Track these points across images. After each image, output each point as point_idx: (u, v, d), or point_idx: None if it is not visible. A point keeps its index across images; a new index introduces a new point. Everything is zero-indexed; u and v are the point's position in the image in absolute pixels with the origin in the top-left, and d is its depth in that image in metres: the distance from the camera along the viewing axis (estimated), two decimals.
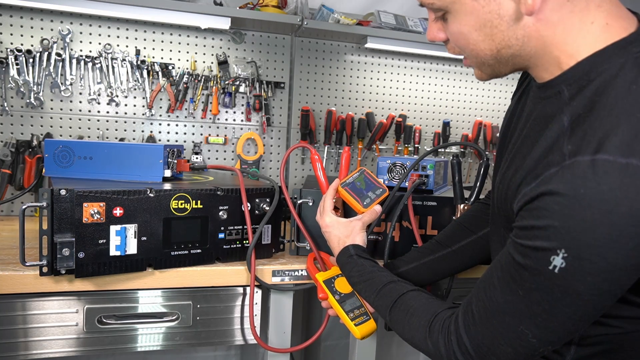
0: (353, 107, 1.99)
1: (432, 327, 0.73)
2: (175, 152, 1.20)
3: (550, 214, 0.56)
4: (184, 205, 1.07)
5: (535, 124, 0.69)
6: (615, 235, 0.53)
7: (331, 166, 1.97)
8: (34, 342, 1.04)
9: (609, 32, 0.61)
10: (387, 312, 0.83)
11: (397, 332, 0.81)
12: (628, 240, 0.53)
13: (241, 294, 1.16)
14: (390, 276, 0.89)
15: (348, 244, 0.99)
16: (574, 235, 0.54)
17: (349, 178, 1.11)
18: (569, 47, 0.62)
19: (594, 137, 0.56)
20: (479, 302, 0.67)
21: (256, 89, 1.84)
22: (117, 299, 1.08)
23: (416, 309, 0.78)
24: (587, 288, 0.56)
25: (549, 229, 0.56)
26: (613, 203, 0.52)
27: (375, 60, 1.99)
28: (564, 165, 0.56)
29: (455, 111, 2.11)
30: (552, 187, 0.56)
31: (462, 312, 0.69)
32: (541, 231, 0.57)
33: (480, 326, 0.66)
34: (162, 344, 1.13)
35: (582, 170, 0.54)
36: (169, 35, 1.75)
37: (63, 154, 1.18)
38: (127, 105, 1.74)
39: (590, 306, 0.58)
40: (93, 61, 1.67)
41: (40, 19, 1.62)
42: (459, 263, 1.06)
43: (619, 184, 0.52)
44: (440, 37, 0.72)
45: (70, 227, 0.96)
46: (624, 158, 0.53)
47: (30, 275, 0.99)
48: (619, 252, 0.53)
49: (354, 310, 1.02)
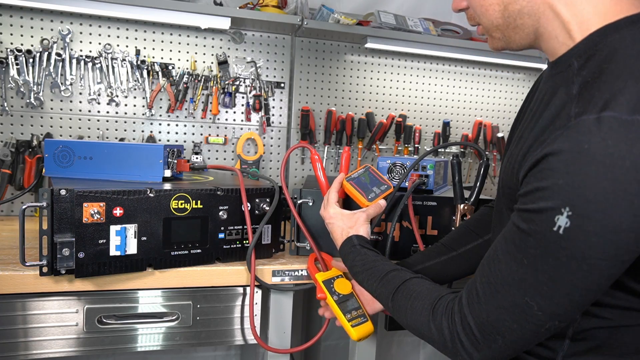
0: (353, 107, 1.99)
1: (436, 309, 0.71)
2: (175, 152, 1.20)
3: (554, 173, 0.55)
4: (184, 205, 1.07)
5: (544, 98, 0.69)
6: (620, 190, 0.52)
7: (331, 166, 1.97)
8: (34, 342, 1.04)
9: (621, 5, 0.62)
10: (389, 298, 0.81)
11: (399, 319, 0.79)
12: (633, 197, 0.51)
13: (241, 294, 1.16)
14: (393, 265, 0.87)
15: (351, 234, 0.98)
16: (578, 192, 0.53)
17: (354, 173, 1.12)
18: (578, 12, 0.63)
19: (601, 98, 0.55)
20: (482, 279, 0.65)
21: (256, 89, 1.84)
22: (117, 299, 1.08)
23: (419, 292, 0.76)
24: (592, 250, 0.54)
25: (553, 187, 0.55)
26: (617, 157, 0.52)
27: (375, 60, 1.99)
28: (569, 126, 0.56)
29: (455, 111, 2.11)
30: (557, 147, 0.56)
31: (466, 292, 0.68)
32: (545, 192, 0.56)
33: (485, 303, 0.64)
34: (162, 344, 1.13)
35: (587, 127, 0.54)
36: (169, 35, 1.75)
37: (63, 154, 1.18)
38: (127, 105, 1.74)
39: (596, 274, 0.55)
40: (93, 61, 1.67)
41: (40, 19, 1.62)
42: (466, 267, 1.04)
43: (623, 138, 0.52)
44: (463, 4, 0.77)
45: (70, 227, 0.96)
46: (629, 115, 0.52)
47: (30, 275, 0.99)
48: (624, 211, 0.52)
49: (352, 312, 1.02)
